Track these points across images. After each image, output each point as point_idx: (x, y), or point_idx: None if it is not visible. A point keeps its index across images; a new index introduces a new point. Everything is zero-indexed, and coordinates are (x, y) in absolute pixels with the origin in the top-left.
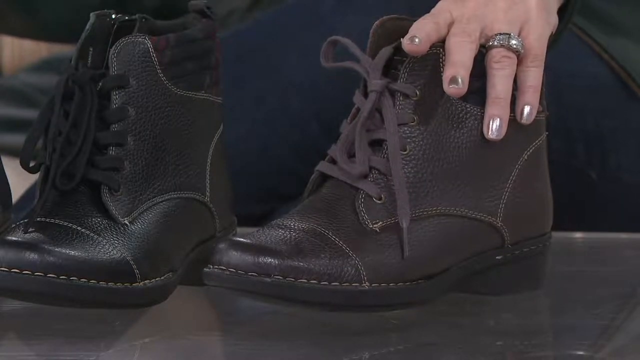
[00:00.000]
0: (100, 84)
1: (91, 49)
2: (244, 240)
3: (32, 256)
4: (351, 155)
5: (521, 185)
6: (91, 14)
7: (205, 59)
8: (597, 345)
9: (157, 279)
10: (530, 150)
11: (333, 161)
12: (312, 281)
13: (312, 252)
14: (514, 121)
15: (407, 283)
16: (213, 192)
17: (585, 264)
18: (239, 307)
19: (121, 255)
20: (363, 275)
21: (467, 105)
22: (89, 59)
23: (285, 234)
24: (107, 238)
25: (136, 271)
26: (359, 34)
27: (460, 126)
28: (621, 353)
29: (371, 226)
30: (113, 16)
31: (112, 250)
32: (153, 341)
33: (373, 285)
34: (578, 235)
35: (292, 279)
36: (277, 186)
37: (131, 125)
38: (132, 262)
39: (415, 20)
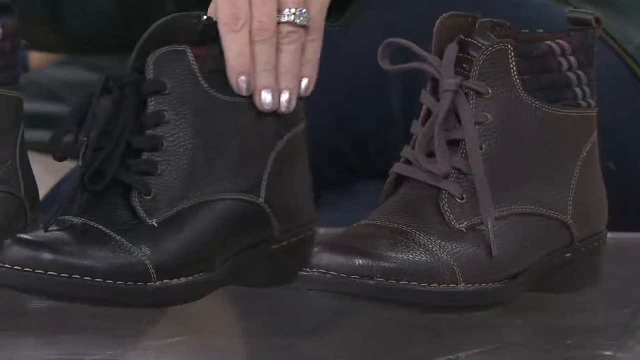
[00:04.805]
0: (139, 88)
1: (150, 51)
2: (338, 242)
3: (45, 255)
4: (427, 156)
5: (584, 182)
6: (174, 15)
7: None
8: (625, 347)
9: (180, 279)
10: (588, 147)
11: (408, 162)
12: (412, 282)
13: (407, 253)
14: (569, 118)
15: (497, 283)
16: (271, 193)
17: (612, 264)
18: (277, 309)
19: (138, 255)
20: (459, 276)
21: (536, 102)
22: (144, 60)
23: (377, 236)
24: (128, 238)
25: (152, 271)
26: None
27: (528, 123)
28: None
29: (457, 226)
30: (203, 17)
31: (129, 250)
32: (179, 341)
33: (467, 285)
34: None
35: (394, 281)
36: None
37: (167, 130)
38: (148, 263)
39: (473, 16)
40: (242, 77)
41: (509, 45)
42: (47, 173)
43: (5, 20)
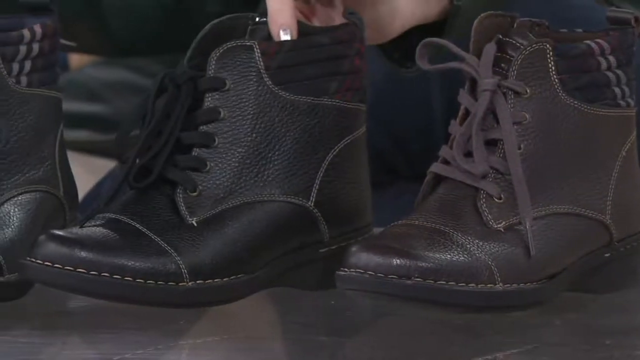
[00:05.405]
0: (196, 84)
1: (205, 51)
2: (376, 241)
3: (75, 252)
4: (465, 156)
5: (623, 182)
6: (229, 16)
7: (332, 64)
8: None
9: (215, 280)
10: (627, 146)
11: (446, 162)
12: (450, 282)
13: (444, 253)
14: (608, 117)
15: (535, 283)
16: (322, 198)
17: None
18: (313, 309)
19: (171, 255)
20: (497, 276)
21: (575, 102)
22: (199, 59)
23: (415, 236)
24: (164, 237)
25: (184, 271)
26: None
27: (566, 122)
28: None
29: (495, 226)
30: (257, 19)
31: (163, 249)
32: (214, 341)
33: (505, 285)
34: None
35: (432, 281)
36: None
37: (222, 127)
38: (180, 263)
39: (512, 16)
40: (284, 29)
41: (548, 45)
42: (86, 173)
43: (44, 20)
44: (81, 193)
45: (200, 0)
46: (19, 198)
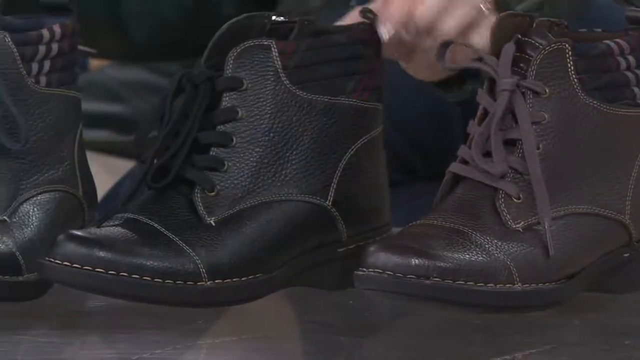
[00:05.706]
0: (214, 84)
1: (222, 50)
2: (395, 241)
3: (94, 252)
4: (484, 156)
5: None
6: (245, 15)
7: (349, 63)
8: None
9: (234, 280)
10: None
11: (464, 162)
12: (469, 282)
13: (463, 253)
14: (627, 117)
15: (553, 283)
16: (340, 197)
17: None
18: (332, 308)
19: (190, 255)
20: (515, 276)
21: (594, 102)
22: (217, 59)
23: (433, 236)
24: (182, 237)
25: (202, 271)
26: None
27: (585, 122)
28: None
29: (514, 226)
30: (273, 18)
31: (181, 249)
32: (232, 341)
33: (524, 285)
34: None
35: (450, 281)
36: None
37: (240, 127)
38: (199, 262)
39: (530, 16)
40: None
41: (567, 45)
42: (105, 173)
43: (63, 20)
44: (100, 193)
45: (217, 2)
46: (38, 198)
